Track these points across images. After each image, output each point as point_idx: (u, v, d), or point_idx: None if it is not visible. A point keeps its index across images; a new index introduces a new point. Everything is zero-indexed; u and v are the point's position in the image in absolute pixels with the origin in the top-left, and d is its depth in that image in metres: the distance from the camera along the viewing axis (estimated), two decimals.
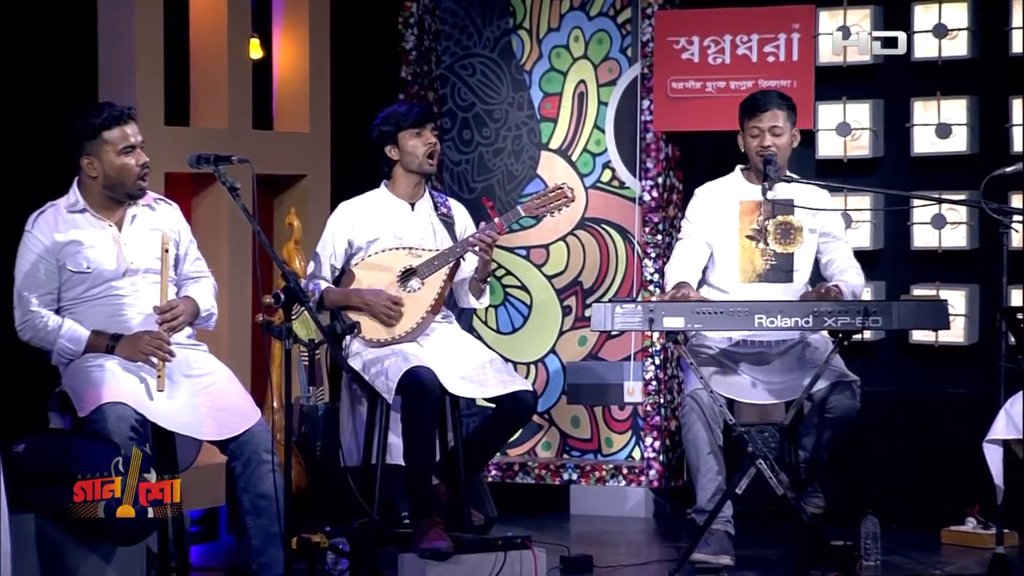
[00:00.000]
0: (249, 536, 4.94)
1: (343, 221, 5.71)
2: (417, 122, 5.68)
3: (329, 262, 5.69)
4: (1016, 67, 6.27)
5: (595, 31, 6.96)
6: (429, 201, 5.78)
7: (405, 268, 5.60)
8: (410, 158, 5.69)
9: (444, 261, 5.58)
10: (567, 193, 5.59)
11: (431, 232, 5.72)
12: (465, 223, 5.83)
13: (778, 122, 5.68)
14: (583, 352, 7.00)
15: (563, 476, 6.82)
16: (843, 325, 5.30)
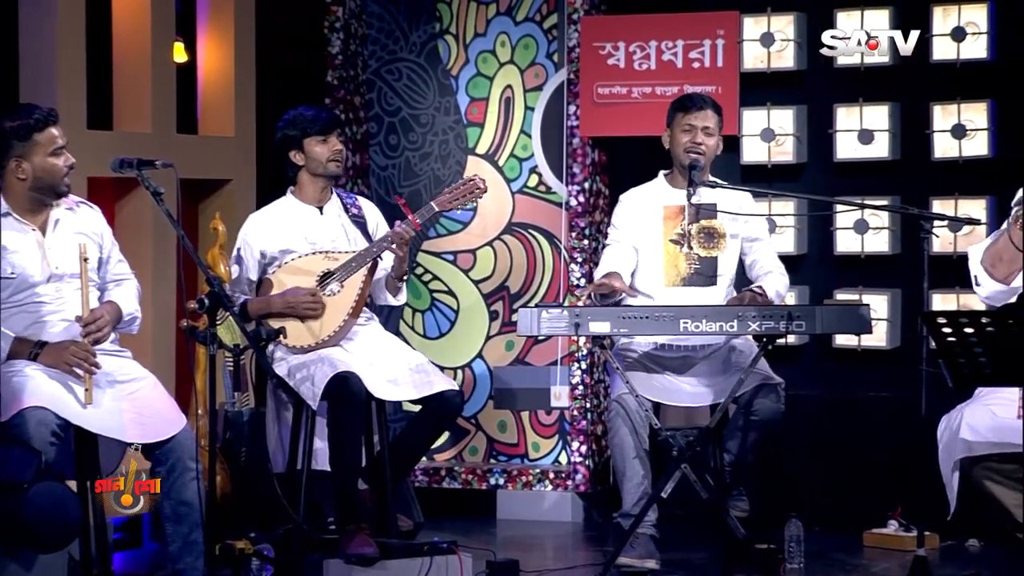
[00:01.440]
0: (168, 542, 4.92)
1: (254, 233, 5.70)
2: (323, 129, 5.68)
3: (245, 275, 5.68)
4: (936, 74, 6.34)
5: (521, 36, 6.97)
6: (337, 203, 5.77)
7: (323, 272, 5.59)
8: (315, 163, 5.69)
9: (361, 262, 5.58)
10: (479, 184, 5.62)
11: (343, 234, 5.71)
12: (377, 221, 5.83)
13: (710, 123, 5.72)
14: (510, 357, 7.00)
15: (490, 481, 6.83)
16: (767, 329, 5.34)
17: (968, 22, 6.24)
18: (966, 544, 6.00)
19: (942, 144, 6.30)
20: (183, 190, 5.04)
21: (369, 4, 7.09)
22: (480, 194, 5.64)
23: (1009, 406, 4.53)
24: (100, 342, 4.95)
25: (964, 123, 6.24)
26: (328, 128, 5.69)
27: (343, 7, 6.95)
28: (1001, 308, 4.65)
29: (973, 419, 4.57)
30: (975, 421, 4.56)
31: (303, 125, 5.68)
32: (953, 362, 4.11)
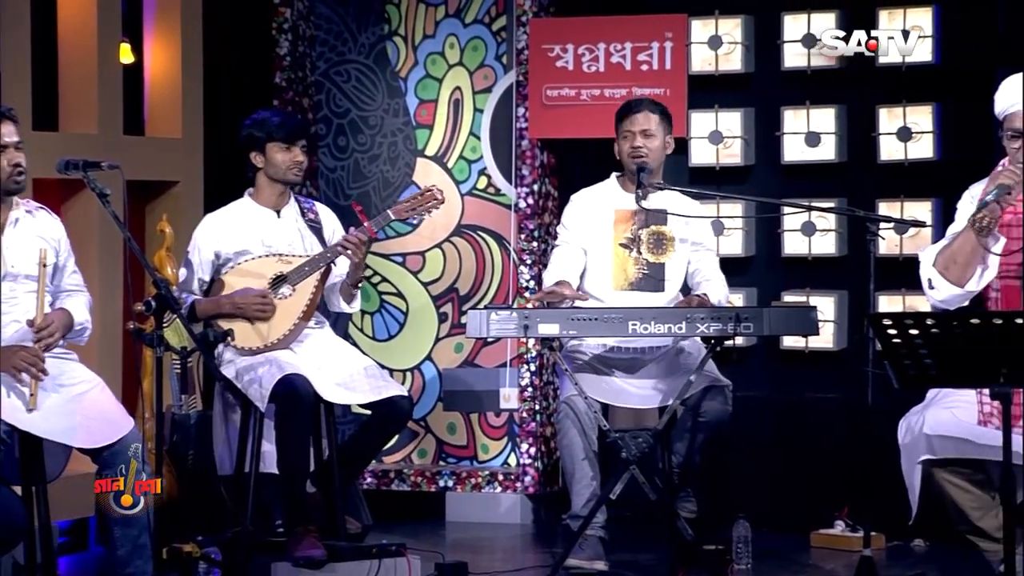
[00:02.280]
0: (116, 546, 4.89)
1: (208, 233, 5.68)
2: (288, 137, 5.66)
3: (197, 275, 5.65)
4: (882, 77, 6.38)
5: (470, 38, 6.97)
6: (295, 207, 5.76)
7: (275, 275, 5.58)
8: (274, 169, 5.68)
9: (314, 267, 5.57)
10: (437, 196, 5.62)
11: (299, 238, 5.70)
12: (333, 227, 5.82)
13: (649, 125, 5.72)
14: (459, 359, 7.00)
15: (439, 483, 6.82)
16: (715, 331, 5.35)
17: (914, 25, 6.28)
18: (912, 544, 6.03)
19: (888, 147, 6.34)
20: (130, 192, 5.01)
21: (317, 5, 7.07)
22: (437, 205, 5.64)
23: (969, 409, 4.57)
24: (50, 348, 4.92)
25: (910, 126, 6.28)
26: (293, 137, 5.67)
27: (291, 8, 6.93)
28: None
29: (936, 422, 4.61)
30: (939, 424, 4.60)
31: (269, 129, 5.66)
32: (899, 363, 4.14)
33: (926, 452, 4.59)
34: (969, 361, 4.04)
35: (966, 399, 4.57)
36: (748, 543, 5.43)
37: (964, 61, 6.28)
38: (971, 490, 4.59)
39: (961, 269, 4.72)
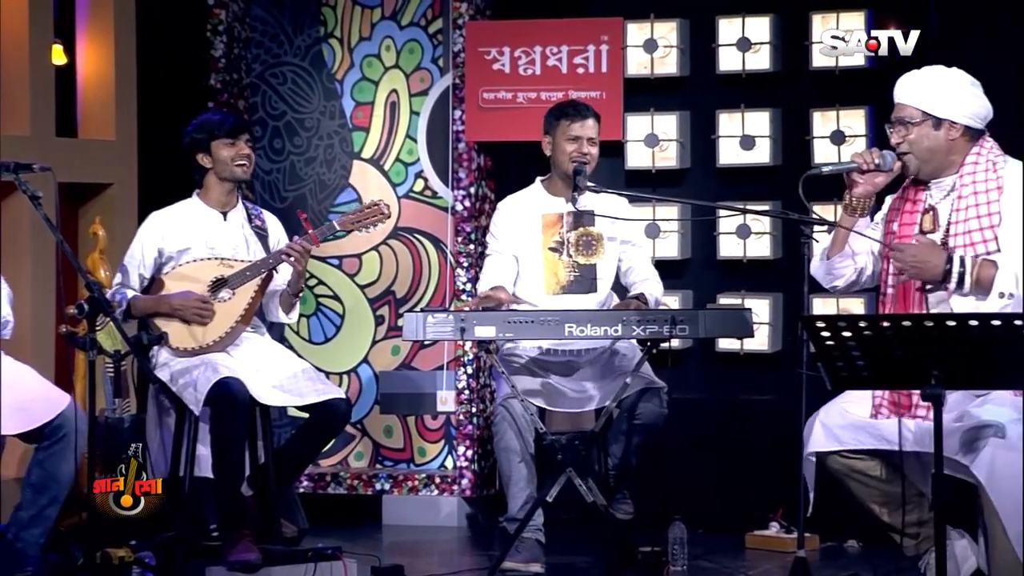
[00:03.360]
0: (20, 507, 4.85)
1: (153, 231, 5.64)
2: (231, 132, 5.64)
3: (138, 271, 5.61)
4: (816, 81, 6.42)
5: (406, 41, 6.96)
6: (242, 212, 5.73)
7: (216, 278, 5.55)
8: (222, 166, 5.65)
9: (256, 272, 5.54)
10: (383, 210, 5.62)
11: (244, 243, 5.67)
12: (278, 236, 5.80)
13: (595, 134, 5.75)
14: (396, 362, 6.98)
15: (375, 486, 6.80)
16: (651, 333, 5.37)
17: (846, 30, 6.32)
18: (845, 545, 6.08)
19: (822, 150, 6.38)
20: (63, 194, 4.98)
21: (252, 7, 7.04)
22: (384, 219, 5.64)
23: (862, 403, 4.61)
24: None
25: (843, 129, 6.33)
26: (235, 131, 5.65)
27: (226, 10, 6.90)
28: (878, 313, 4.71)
29: (827, 418, 4.66)
30: (828, 420, 4.65)
31: (210, 128, 5.63)
32: (832, 365, 4.17)
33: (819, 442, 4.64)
34: (901, 363, 4.08)
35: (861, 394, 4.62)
36: (684, 544, 5.45)
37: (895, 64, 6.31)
38: (874, 485, 4.63)
39: (838, 247, 4.82)
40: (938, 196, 4.67)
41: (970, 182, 4.59)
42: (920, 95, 4.67)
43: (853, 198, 4.77)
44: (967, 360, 4.02)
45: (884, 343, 4.05)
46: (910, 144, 4.67)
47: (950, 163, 4.65)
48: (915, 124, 4.65)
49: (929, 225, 4.66)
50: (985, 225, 4.54)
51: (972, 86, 4.68)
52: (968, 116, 4.64)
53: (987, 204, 4.56)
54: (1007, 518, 4.27)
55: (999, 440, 4.29)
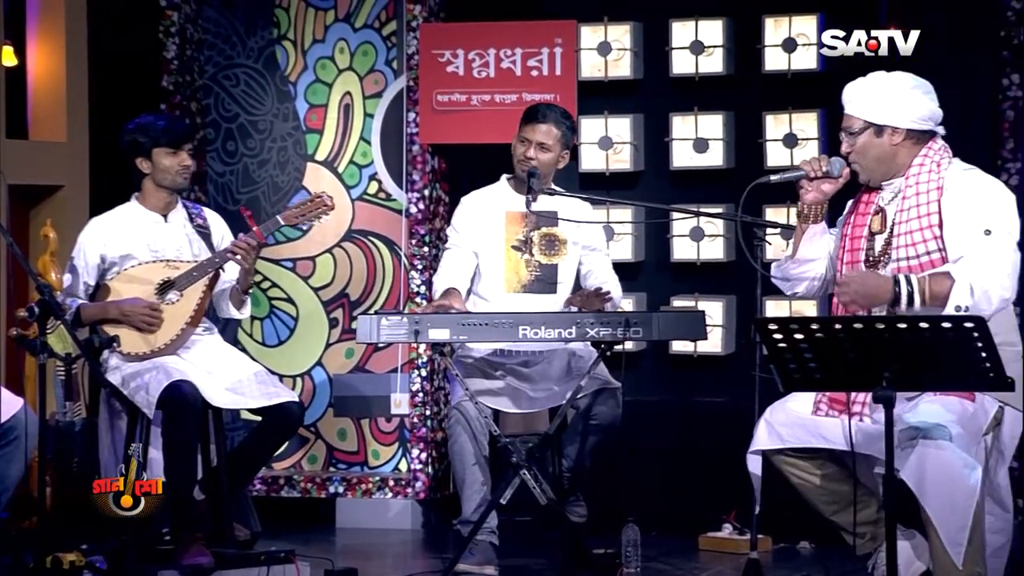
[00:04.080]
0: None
1: (94, 237, 5.60)
2: (174, 142, 5.60)
3: (82, 279, 5.57)
4: (769, 84, 6.44)
5: (360, 43, 6.94)
6: (183, 212, 5.70)
7: (163, 280, 5.52)
8: (162, 175, 5.62)
9: (203, 272, 5.52)
10: (326, 202, 5.60)
11: (187, 244, 5.65)
12: (222, 233, 5.77)
13: (549, 139, 5.72)
14: (350, 364, 6.96)
15: (329, 489, 6.78)
16: (605, 335, 5.37)
17: (798, 33, 6.36)
18: (798, 546, 6.10)
19: (775, 153, 6.40)
20: (13, 196, 4.94)
21: (205, 9, 7.01)
22: (327, 211, 5.62)
23: (805, 402, 4.62)
24: None
25: (795, 132, 6.35)
26: (179, 141, 5.61)
27: (178, 12, 6.86)
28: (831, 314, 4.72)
29: (772, 417, 4.67)
30: (773, 419, 4.67)
31: (154, 134, 5.59)
32: (784, 367, 4.18)
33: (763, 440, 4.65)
34: (852, 365, 4.09)
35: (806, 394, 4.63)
36: (637, 546, 5.45)
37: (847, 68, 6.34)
38: (821, 485, 4.65)
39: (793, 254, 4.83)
40: (888, 197, 4.68)
41: (914, 183, 4.60)
42: (861, 103, 4.66)
43: (804, 206, 4.77)
44: (918, 362, 4.04)
45: (836, 345, 4.07)
46: (857, 152, 4.67)
47: (899, 166, 4.65)
48: (858, 133, 4.65)
49: (878, 226, 4.67)
50: (925, 225, 4.54)
51: (914, 89, 4.64)
52: (911, 120, 4.61)
53: (927, 204, 4.56)
54: (940, 522, 4.28)
55: (927, 442, 4.29)
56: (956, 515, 4.28)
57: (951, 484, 4.27)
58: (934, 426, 4.31)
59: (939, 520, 4.27)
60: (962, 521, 4.28)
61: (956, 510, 4.27)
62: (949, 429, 4.31)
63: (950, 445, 4.28)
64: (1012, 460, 4.61)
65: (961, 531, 4.28)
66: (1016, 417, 4.53)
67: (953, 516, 4.28)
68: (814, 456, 4.63)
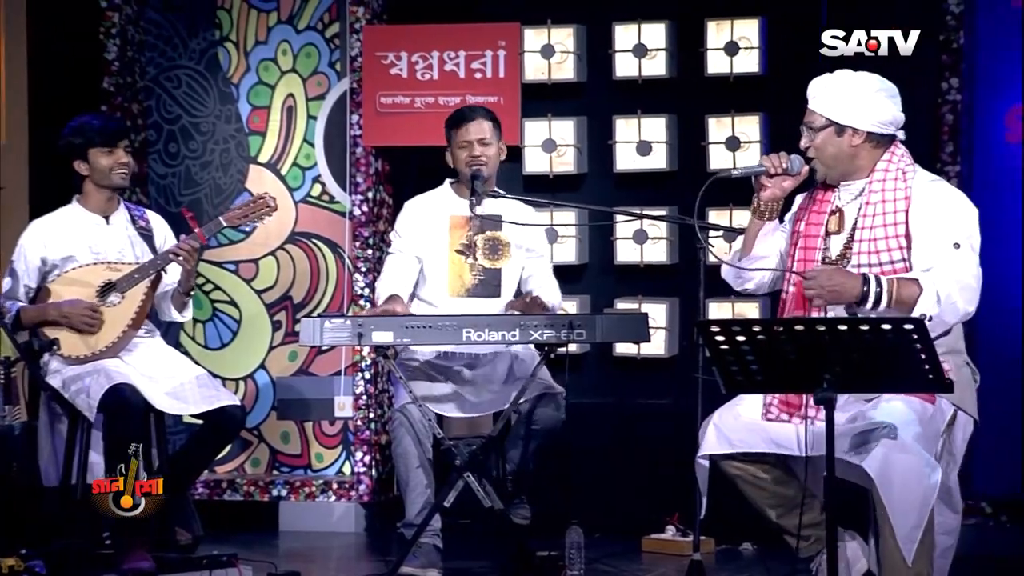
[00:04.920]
0: None
1: (35, 239, 5.57)
2: (109, 140, 5.57)
3: (22, 282, 5.53)
4: (712, 87, 6.47)
5: (303, 45, 6.92)
6: (125, 214, 5.68)
7: (104, 282, 5.49)
8: (100, 175, 5.60)
9: (144, 274, 5.49)
10: (269, 203, 5.60)
11: (129, 246, 5.62)
12: (164, 235, 5.75)
13: (485, 134, 5.73)
14: (293, 367, 6.94)
15: (272, 492, 6.75)
16: (548, 338, 5.37)
17: (741, 36, 6.38)
18: (740, 548, 6.13)
19: (717, 156, 6.42)
20: None
21: (146, 10, 6.97)
22: (270, 212, 5.61)
23: (754, 406, 4.63)
24: None
25: (738, 135, 6.38)
26: (114, 139, 5.58)
27: (119, 13, 6.82)
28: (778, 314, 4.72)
29: (720, 421, 4.67)
30: (721, 423, 4.66)
31: (89, 134, 5.56)
32: (726, 369, 4.19)
33: (713, 445, 4.65)
34: (794, 367, 4.11)
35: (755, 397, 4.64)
36: (581, 549, 5.46)
37: (789, 72, 6.39)
38: (768, 488, 4.66)
39: (746, 251, 4.82)
40: (846, 199, 4.68)
41: (879, 189, 4.60)
42: (825, 101, 4.65)
43: (761, 202, 4.76)
44: (859, 364, 4.06)
45: (777, 347, 4.08)
46: (815, 149, 4.66)
47: (857, 168, 4.65)
48: (819, 130, 4.65)
49: (835, 227, 4.67)
50: (891, 234, 4.55)
51: (879, 91, 4.64)
52: (873, 123, 4.61)
53: (894, 213, 4.57)
54: (897, 519, 4.31)
55: (891, 441, 4.33)
56: (913, 513, 4.31)
57: (913, 482, 4.31)
58: (900, 424, 4.33)
59: (896, 517, 4.30)
60: (918, 520, 4.31)
61: (913, 508, 4.31)
62: (911, 428, 4.34)
63: (915, 444, 4.32)
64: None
65: (916, 529, 4.31)
66: (968, 421, 4.58)
67: (910, 514, 4.31)
68: (762, 460, 4.64)
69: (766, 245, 4.80)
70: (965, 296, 4.46)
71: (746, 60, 6.38)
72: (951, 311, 4.44)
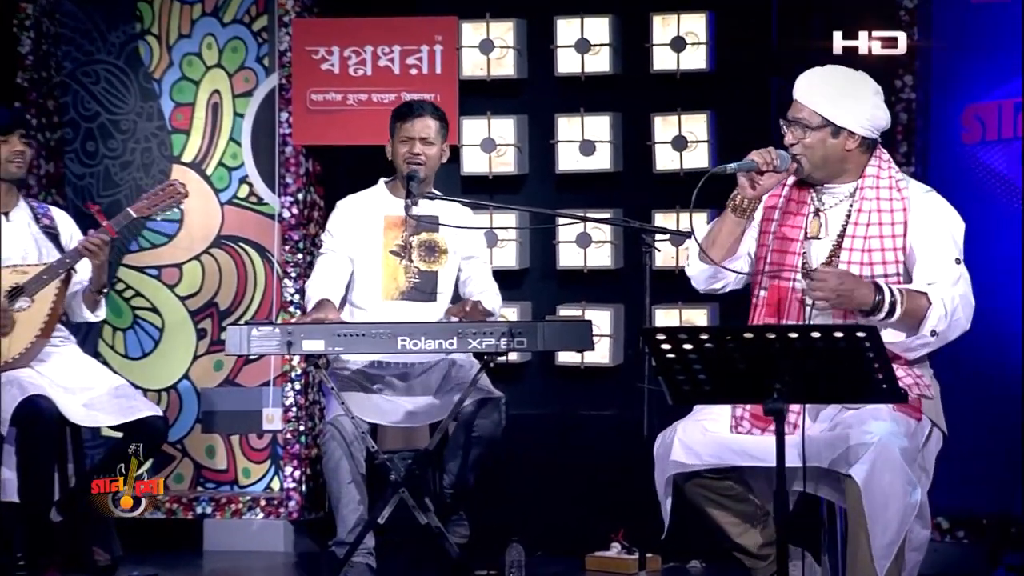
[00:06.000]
0: None
1: None
2: (3, 129, 5.52)
3: None
4: (657, 84, 6.49)
5: (229, 39, 6.89)
6: (26, 211, 5.63)
7: (11, 287, 5.44)
8: None
9: (53, 274, 5.45)
10: (179, 189, 5.60)
11: (34, 245, 5.59)
12: (71, 232, 5.72)
13: (429, 132, 5.72)
14: (219, 377, 6.91)
15: (196, 510, 6.71)
16: (488, 346, 5.36)
17: (688, 31, 6.41)
18: (688, 565, 6.14)
19: (664, 156, 6.44)
20: None
21: (63, 2, 6.92)
22: (181, 199, 5.59)
23: (720, 420, 4.63)
24: None
25: (685, 134, 6.39)
26: (7, 128, 5.53)
27: (33, 4, 6.78)
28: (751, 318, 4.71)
29: (686, 436, 4.63)
30: (687, 438, 4.62)
31: None
32: (672, 379, 4.19)
33: (676, 468, 4.63)
34: (743, 376, 4.11)
35: (719, 410, 4.63)
36: (522, 567, 5.46)
37: (738, 69, 6.42)
38: (729, 506, 4.66)
39: (720, 249, 4.76)
40: (830, 202, 4.66)
41: (872, 196, 4.58)
42: (822, 99, 4.58)
43: (745, 199, 4.71)
44: (810, 373, 4.07)
45: (726, 356, 4.09)
46: (804, 147, 4.61)
47: (844, 170, 4.62)
48: (812, 128, 4.62)
49: (815, 230, 4.66)
50: (888, 246, 4.55)
51: (876, 95, 4.62)
52: (867, 127, 4.59)
53: (892, 225, 4.56)
54: (875, 533, 4.32)
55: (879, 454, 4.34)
56: (891, 530, 4.34)
57: (895, 499, 4.33)
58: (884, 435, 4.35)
59: (875, 531, 4.32)
60: (896, 536, 4.35)
61: (892, 525, 4.34)
62: (898, 442, 4.36)
63: (900, 460, 4.34)
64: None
65: (891, 546, 4.34)
66: (939, 436, 4.61)
67: (888, 530, 4.34)
68: (725, 476, 4.64)
69: (746, 243, 4.75)
70: (967, 312, 4.51)
71: (693, 56, 6.40)
72: (956, 327, 4.49)
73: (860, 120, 4.58)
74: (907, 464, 4.37)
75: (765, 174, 4.63)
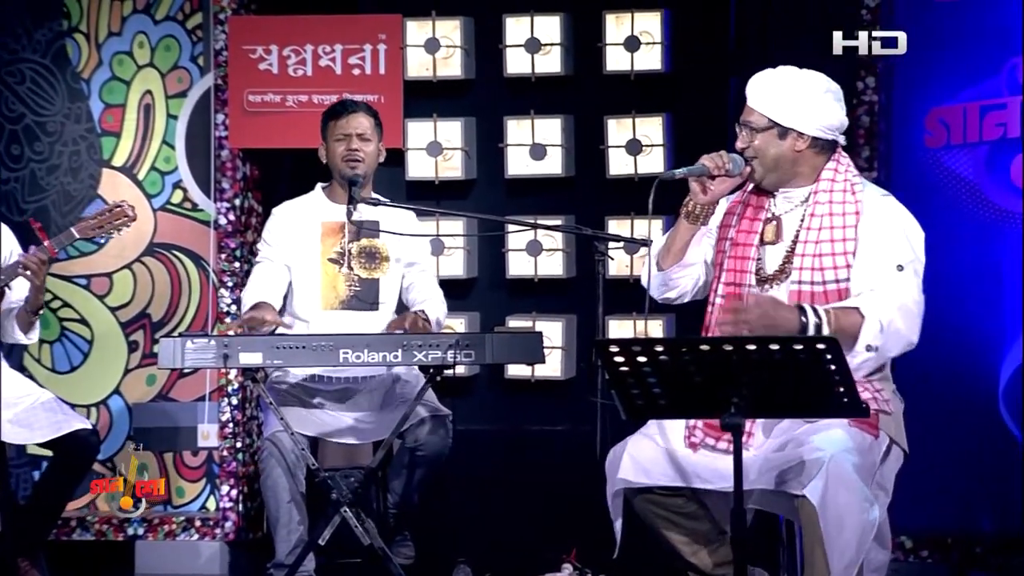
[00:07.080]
0: None
1: None
2: None
3: None
4: (610, 85, 6.52)
5: (162, 37, 6.88)
6: None
7: None
8: None
9: None
10: (127, 212, 5.58)
11: None
12: (10, 248, 5.69)
13: (365, 129, 5.74)
14: (152, 392, 6.89)
15: (127, 531, 6.69)
16: (434, 359, 5.37)
17: (642, 31, 6.44)
18: None
19: (617, 160, 6.47)
20: None
21: None
22: (128, 223, 5.60)
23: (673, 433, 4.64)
24: None
25: (640, 138, 6.42)
26: None
27: None
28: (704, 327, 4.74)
29: (636, 451, 4.66)
30: (638, 453, 4.65)
31: None
32: (626, 392, 4.20)
33: (626, 478, 4.65)
34: (700, 390, 4.13)
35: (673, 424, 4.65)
36: None
37: (695, 70, 6.45)
38: (681, 523, 4.68)
39: (675, 256, 4.80)
40: (785, 207, 4.68)
41: (826, 200, 4.61)
42: (768, 100, 4.62)
43: (697, 205, 4.73)
44: (769, 387, 4.09)
45: (682, 369, 4.10)
46: (755, 150, 4.65)
47: (797, 174, 4.66)
48: (760, 131, 4.65)
49: (771, 236, 4.68)
50: (839, 251, 4.57)
51: (826, 94, 4.63)
52: (818, 128, 4.60)
53: (843, 228, 4.58)
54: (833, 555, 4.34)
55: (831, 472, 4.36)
56: (850, 551, 4.34)
57: (852, 518, 4.33)
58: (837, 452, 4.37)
59: (832, 553, 4.33)
60: (855, 557, 4.35)
61: (850, 545, 4.34)
62: (850, 458, 4.38)
63: (855, 477, 4.35)
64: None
65: (851, 568, 4.35)
66: (899, 454, 4.63)
67: (847, 551, 4.34)
68: (679, 493, 4.66)
69: (699, 251, 4.79)
70: (908, 323, 4.48)
71: (648, 56, 6.43)
72: (895, 339, 4.47)
73: (808, 120, 4.61)
74: (863, 481, 4.40)
75: (717, 179, 4.66)
